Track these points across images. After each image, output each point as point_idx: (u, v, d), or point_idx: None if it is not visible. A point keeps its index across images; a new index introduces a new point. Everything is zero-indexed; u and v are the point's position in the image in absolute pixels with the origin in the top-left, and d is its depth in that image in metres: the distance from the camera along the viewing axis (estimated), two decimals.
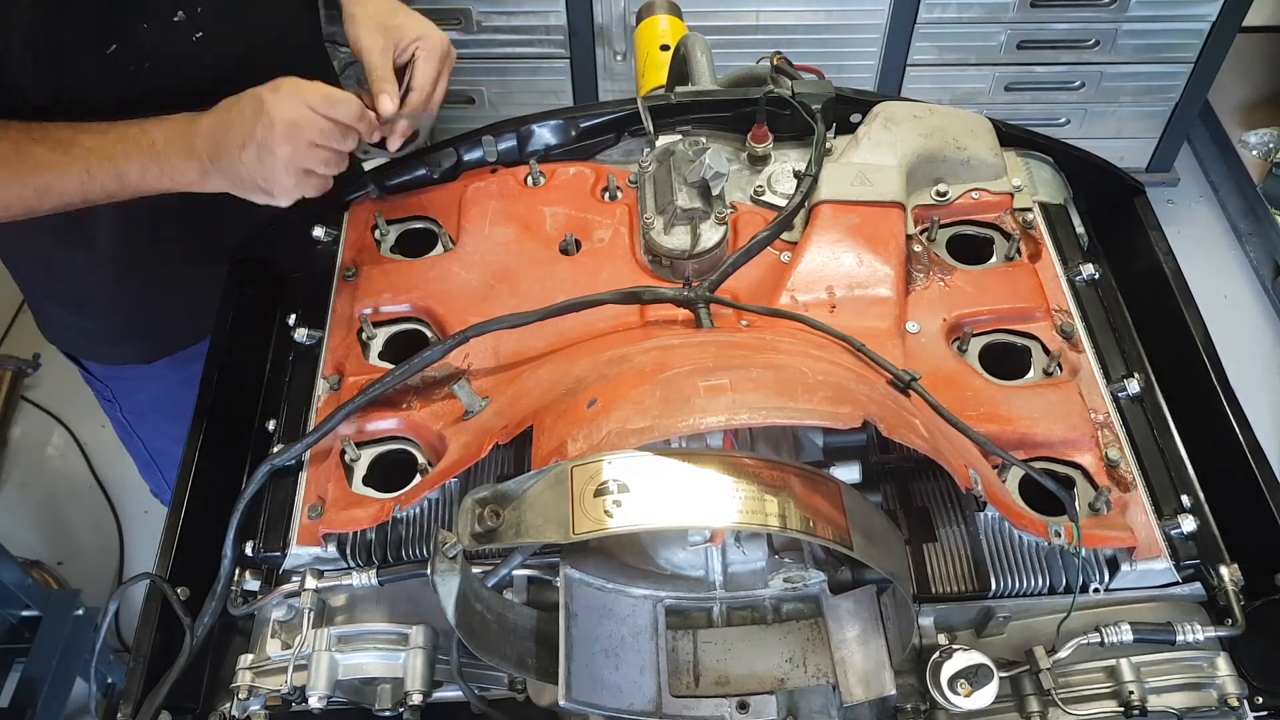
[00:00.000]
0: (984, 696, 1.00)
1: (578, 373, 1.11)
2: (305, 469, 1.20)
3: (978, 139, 1.43)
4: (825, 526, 0.93)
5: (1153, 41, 3.10)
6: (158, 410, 1.80)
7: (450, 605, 0.92)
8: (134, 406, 1.83)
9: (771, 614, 1.10)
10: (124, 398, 1.81)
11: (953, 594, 1.10)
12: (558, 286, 1.32)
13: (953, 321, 1.30)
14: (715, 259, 1.32)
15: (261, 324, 1.43)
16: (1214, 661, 1.09)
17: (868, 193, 1.34)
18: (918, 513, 1.16)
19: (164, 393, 1.75)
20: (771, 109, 1.46)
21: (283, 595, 1.12)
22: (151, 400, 1.80)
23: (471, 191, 1.44)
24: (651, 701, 0.99)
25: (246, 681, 1.07)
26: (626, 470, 0.91)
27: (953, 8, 3.00)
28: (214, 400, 1.34)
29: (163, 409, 1.78)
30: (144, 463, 1.97)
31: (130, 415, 1.84)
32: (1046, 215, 1.45)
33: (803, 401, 0.97)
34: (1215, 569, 1.12)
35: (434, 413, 1.21)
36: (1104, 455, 1.18)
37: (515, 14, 2.97)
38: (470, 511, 0.92)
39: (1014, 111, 3.25)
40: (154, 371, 1.74)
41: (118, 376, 1.77)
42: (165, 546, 1.20)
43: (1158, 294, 1.39)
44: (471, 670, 1.07)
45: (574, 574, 1.03)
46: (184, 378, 1.70)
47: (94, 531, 2.96)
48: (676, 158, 1.34)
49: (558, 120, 1.50)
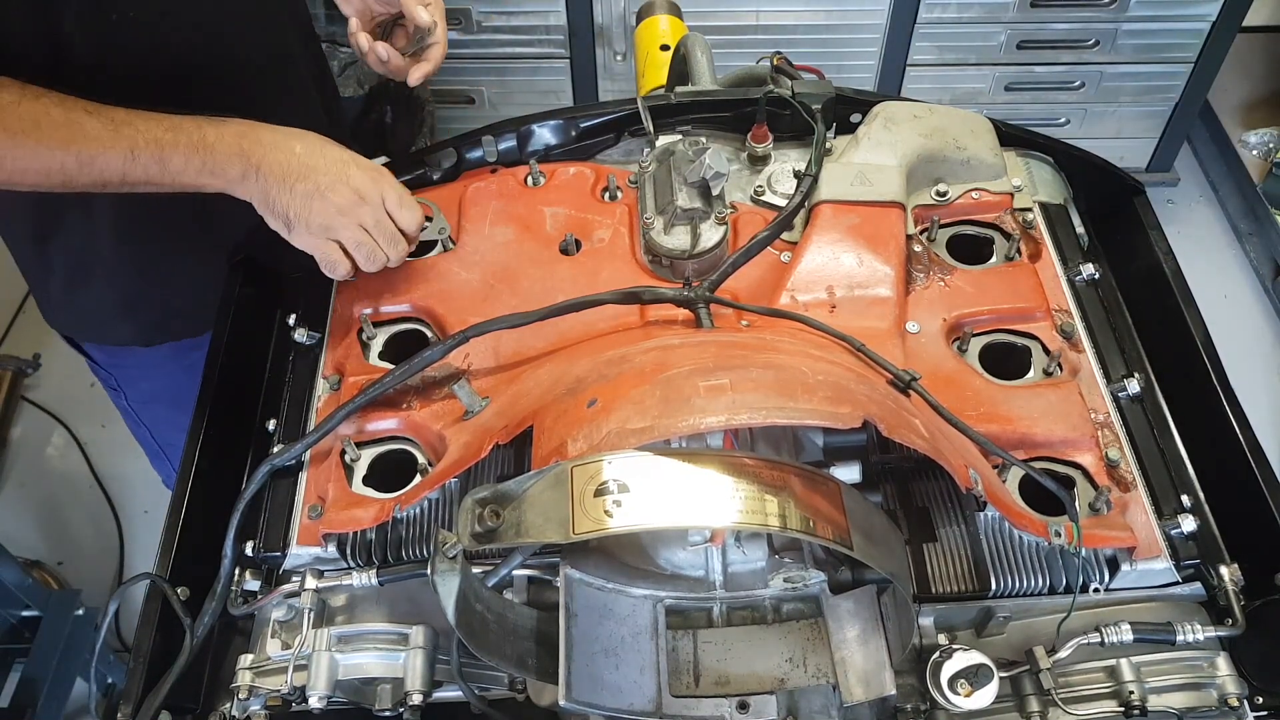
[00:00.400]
0: (984, 696, 1.00)
1: (578, 373, 1.11)
2: (305, 469, 1.20)
3: (978, 139, 1.43)
4: (825, 526, 0.93)
5: (1153, 41, 3.10)
6: (162, 399, 1.81)
7: (450, 605, 0.92)
8: (138, 394, 1.83)
9: (771, 614, 1.09)
10: (128, 385, 1.81)
11: (953, 594, 1.10)
12: (558, 286, 1.32)
13: (953, 321, 1.30)
14: (715, 259, 1.32)
15: (261, 324, 1.43)
16: (1214, 661, 1.09)
17: (868, 193, 1.34)
18: (918, 513, 1.16)
19: (168, 380, 1.75)
20: (771, 109, 1.46)
21: (283, 595, 1.12)
22: (155, 388, 1.80)
23: (471, 191, 1.45)
24: (651, 701, 0.99)
25: (246, 681, 1.07)
26: (626, 470, 0.91)
27: (953, 8, 3.00)
28: (214, 400, 1.34)
29: (167, 398, 1.78)
30: (154, 453, 1.97)
31: (136, 403, 1.85)
32: (1046, 215, 1.45)
33: (803, 401, 0.97)
34: (1215, 569, 1.12)
35: (434, 413, 1.21)
36: (1104, 455, 1.18)
37: (515, 14, 2.97)
38: (470, 511, 0.92)
39: (1014, 111, 3.25)
40: (156, 358, 1.74)
41: (121, 363, 1.77)
42: (165, 546, 1.20)
43: (1158, 294, 1.39)
44: (471, 670, 1.07)
45: (574, 574, 1.03)
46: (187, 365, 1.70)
47: (94, 531, 2.96)
48: (676, 158, 1.34)
49: (558, 120, 1.50)
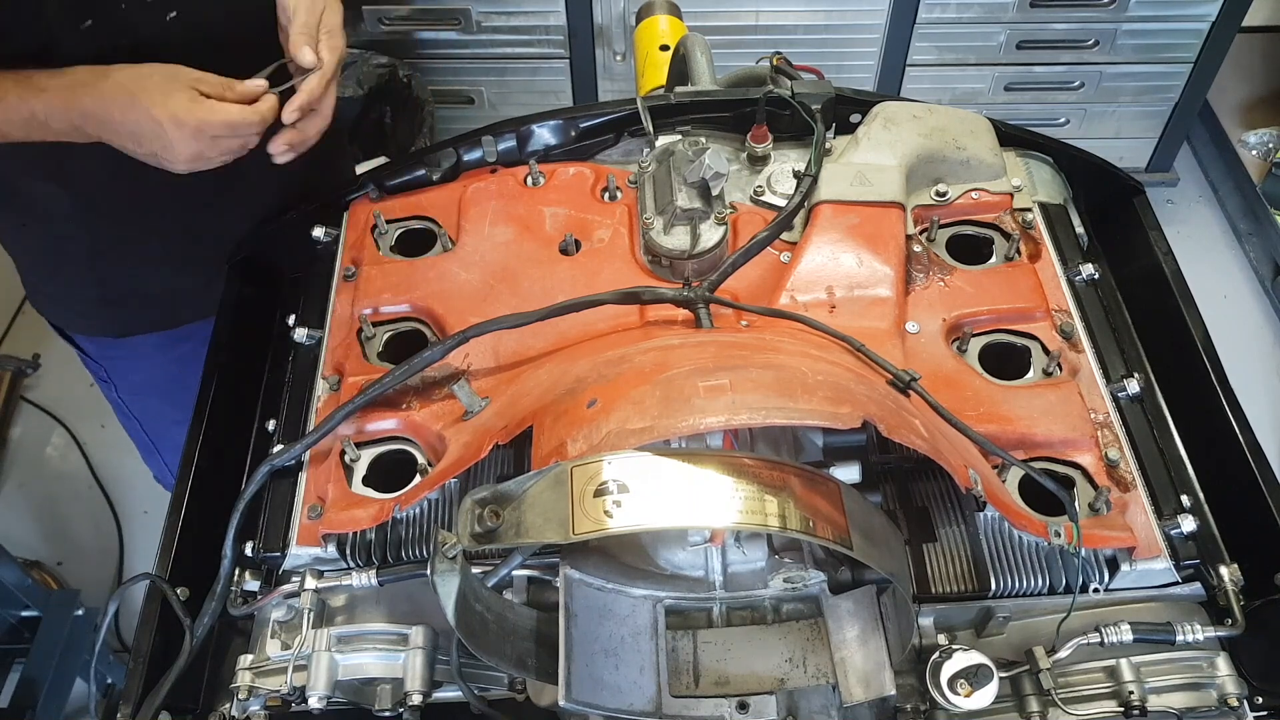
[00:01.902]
0: (984, 696, 1.00)
1: (577, 373, 1.11)
2: (305, 469, 1.20)
3: (977, 139, 1.43)
4: (825, 526, 0.93)
5: (1152, 41, 3.10)
6: (153, 391, 1.81)
7: (450, 605, 0.92)
8: (129, 386, 1.83)
9: (771, 614, 1.09)
10: (118, 377, 1.81)
11: (953, 594, 1.10)
12: (557, 286, 1.32)
13: (952, 321, 1.30)
14: (715, 259, 1.32)
15: (261, 324, 1.43)
16: (1214, 661, 1.09)
17: (867, 193, 1.34)
18: (918, 513, 1.16)
19: (157, 372, 1.76)
20: (771, 109, 1.46)
21: (282, 595, 1.12)
22: (145, 380, 1.80)
23: (471, 191, 1.44)
24: (651, 702, 0.99)
25: (246, 682, 1.07)
26: (626, 470, 0.91)
27: (952, 8, 3.00)
28: (214, 400, 1.34)
29: (158, 390, 1.78)
30: (145, 448, 1.97)
31: (126, 395, 1.85)
32: (1046, 215, 1.45)
33: (802, 401, 0.97)
34: (1215, 569, 1.12)
35: (434, 413, 1.21)
36: (1104, 455, 1.18)
37: (515, 14, 2.97)
38: (470, 512, 0.92)
39: (1014, 111, 3.25)
40: (144, 349, 1.74)
41: (110, 355, 1.77)
42: (165, 546, 1.20)
43: (1157, 294, 1.39)
44: (471, 670, 1.07)
45: (574, 574, 1.03)
46: (175, 357, 1.72)
47: (94, 531, 2.96)
48: (676, 158, 1.34)
49: (557, 120, 1.50)
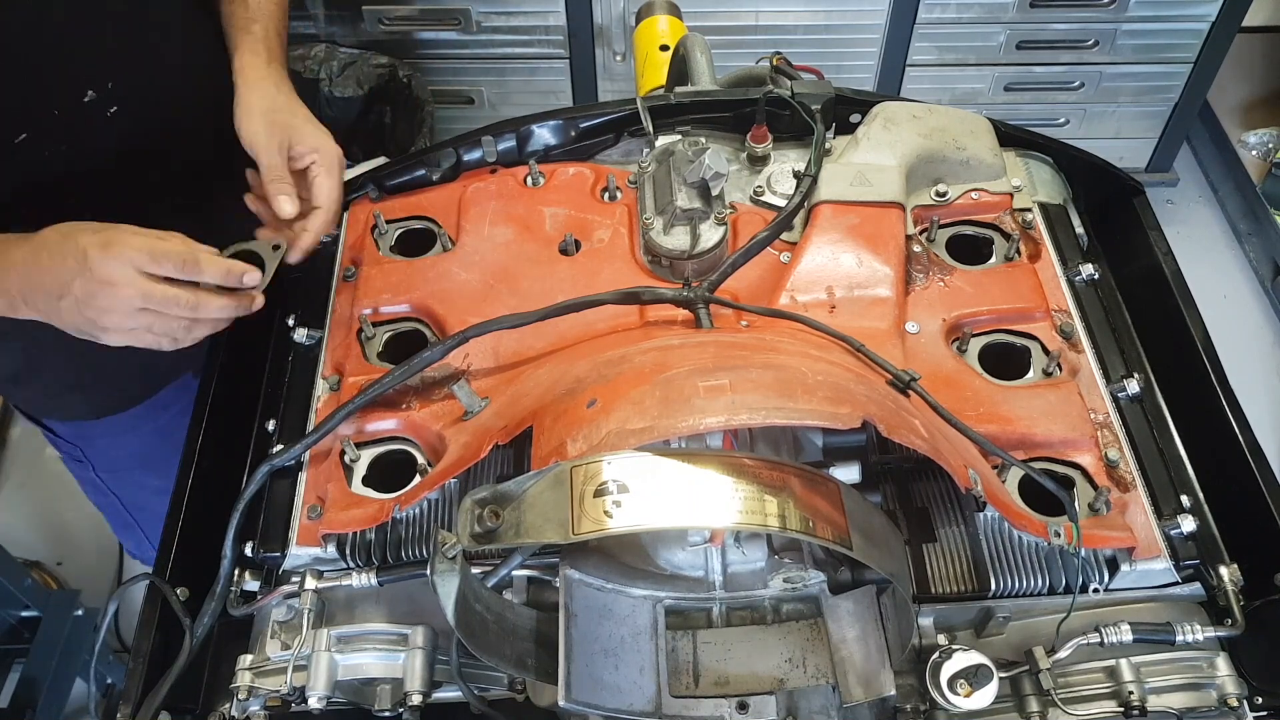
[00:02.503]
0: (984, 697, 1.00)
1: (577, 373, 1.11)
2: (305, 469, 1.20)
3: (977, 139, 1.43)
4: (825, 527, 0.93)
5: (1152, 42, 3.10)
6: (136, 464, 1.70)
7: (450, 606, 0.92)
8: (107, 464, 1.72)
9: (771, 614, 1.09)
10: (96, 456, 1.70)
11: (953, 594, 1.10)
12: (557, 287, 1.32)
13: (952, 322, 1.30)
14: (715, 259, 1.32)
15: (261, 324, 1.43)
16: (1214, 661, 1.09)
17: (867, 193, 1.34)
18: (918, 513, 1.16)
19: (139, 444, 1.65)
20: (771, 109, 1.46)
21: (282, 596, 1.12)
22: (127, 455, 1.69)
23: (471, 192, 1.44)
24: (651, 702, 0.99)
25: (246, 682, 1.07)
26: (626, 470, 0.91)
27: (952, 8, 3.00)
28: (214, 400, 1.34)
29: (141, 462, 1.67)
30: (121, 523, 1.85)
31: (104, 473, 1.74)
32: (1046, 215, 1.44)
33: (802, 402, 0.97)
34: (1215, 569, 1.12)
35: (434, 413, 1.21)
36: (1103, 455, 1.18)
37: (515, 14, 2.97)
38: (470, 512, 0.92)
39: (1013, 111, 3.25)
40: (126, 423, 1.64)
41: (87, 435, 1.66)
42: (165, 546, 1.20)
43: (1157, 294, 1.39)
44: (471, 670, 1.07)
45: (574, 574, 1.03)
46: (159, 426, 1.62)
47: (94, 531, 2.95)
48: (676, 158, 1.34)
49: (557, 120, 1.50)
